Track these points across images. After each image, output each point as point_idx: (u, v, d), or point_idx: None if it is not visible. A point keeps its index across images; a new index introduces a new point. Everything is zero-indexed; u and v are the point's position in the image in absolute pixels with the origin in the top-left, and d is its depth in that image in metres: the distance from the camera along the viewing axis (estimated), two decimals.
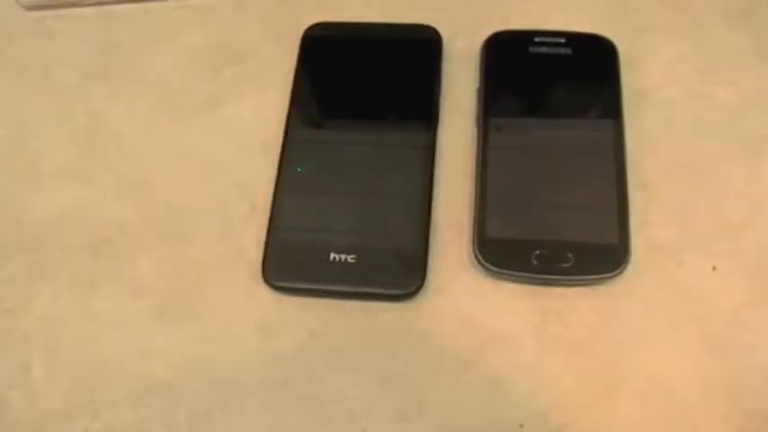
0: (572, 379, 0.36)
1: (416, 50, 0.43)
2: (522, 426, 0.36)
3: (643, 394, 0.36)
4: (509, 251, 0.38)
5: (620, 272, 0.37)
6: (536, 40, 0.43)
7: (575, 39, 0.43)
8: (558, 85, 0.42)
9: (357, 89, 0.43)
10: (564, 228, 0.38)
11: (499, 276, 0.38)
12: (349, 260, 0.38)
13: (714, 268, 0.38)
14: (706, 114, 0.42)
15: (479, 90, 0.42)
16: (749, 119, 0.41)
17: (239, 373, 0.37)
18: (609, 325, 0.37)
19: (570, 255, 0.37)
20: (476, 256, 0.38)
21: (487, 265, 0.38)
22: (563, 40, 0.43)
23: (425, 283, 0.38)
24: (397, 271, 0.38)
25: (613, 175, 0.39)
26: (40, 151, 0.43)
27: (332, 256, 0.38)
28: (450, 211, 0.40)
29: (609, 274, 0.37)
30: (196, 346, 0.38)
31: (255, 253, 0.39)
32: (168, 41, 0.45)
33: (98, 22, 0.47)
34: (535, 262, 0.37)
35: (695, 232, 0.39)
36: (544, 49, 0.43)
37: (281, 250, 0.38)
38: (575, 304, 0.38)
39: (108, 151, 0.43)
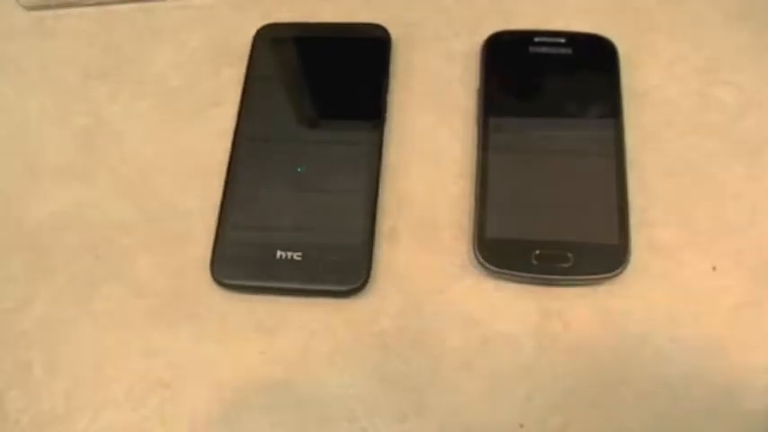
0: (572, 379, 0.36)
1: (366, 49, 0.44)
2: (522, 426, 0.36)
3: (643, 394, 0.36)
4: (509, 251, 0.38)
5: (620, 272, 0.37)
6: (536, 40, 0.43)
7: (575, 39, 0.43)
8: (559, 85, 0.42)
9: (307, 88, 0.43)
10: (564, 228, 0.38)
11: (499, 276, 0.38)
12: (295, 258, 0.38)
13: (714, 268, 0.38)
14: (706, 114, 0.42)
15: (479, 90, 0.42)
16: (749, 119, 0.41)
17: (239, 373, 0.37)
18: (609, 325, 0.37)
19: (570, 255, 0.37)
20: (476, 257, 0.38)
21: (487, 265, 0.38)
22: (563, 40, 0.43)
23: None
24: (342, 268, 0.38)
25: (613, 175, 0.39)
26: (40, 151, 0.43)
27: (278, 253, 0.38)
28: (449, 211, 0.40)
29: (609, 274, 0.37)
30: (196, 345, 0.38)
31: None
32: (168, 41, 0.45)
33: (98, 21, 0.47)
34: (535, 262, 0.37)
35: (695, 232, 0.39)
36: (544, 49, 0.43)
37: (228, 249, 0.39)
38: (575, 304, 0.38)
39: (108, 151, 0.43)
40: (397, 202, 0.40)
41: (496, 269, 0.38)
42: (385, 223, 0.40)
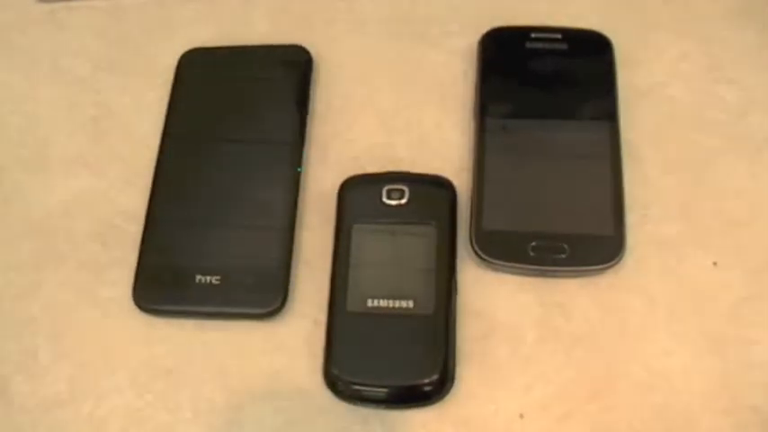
0: (572, 371, 0.36)
1: (288, 70, 0.43)
2: (522, 416, 0.36)
3: (643, 387, 0.36)
4: (506, 243, 0.38)
5: (616, 263, 0.37)
6: (532, 35, 0.43)
7: (570, 34, 0.43)
8: (555, 80, 0.42)
9: (229, 112, 0.43)
10: (560, 220, 0.38)
11: (497, 268, 0.38)
12: (213, 282, 0.38)
13: (715, 263, 0.38)
14: (708, 112, 0.42)
15: (477, 84, 0.42)
16: (751, 116, 0.42)
17: (242, 361, 0.38)
18: (610, 318, 0.38)
19: (566, 246, 0.38)
20: (473, 248, 0.38)
21: (485, 256, 0.38)
22: (559, 36, 0.43)
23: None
24: (259, 290, 0.38)
25: (609, 166, 0.39)
26: (50, 140, 0.44)
27: (197, 278, 0.38)
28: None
29: (605, 265, 0.37)
30: (200, 333, 0.38)
31: None
32: (177, 34, 0.46)
33: (108, 14, 0.47)
34: (532, 253, 0.38)
35: (696, 228, 0.39)
36: (540, 45, 0.43)
37: (149, 274, 0.39)
38: (576, 297, 0.38)
39: (116, 141, 0.44)
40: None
41: (494, 260, 0.38)
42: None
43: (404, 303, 0.36)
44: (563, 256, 0.38)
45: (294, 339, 0.38)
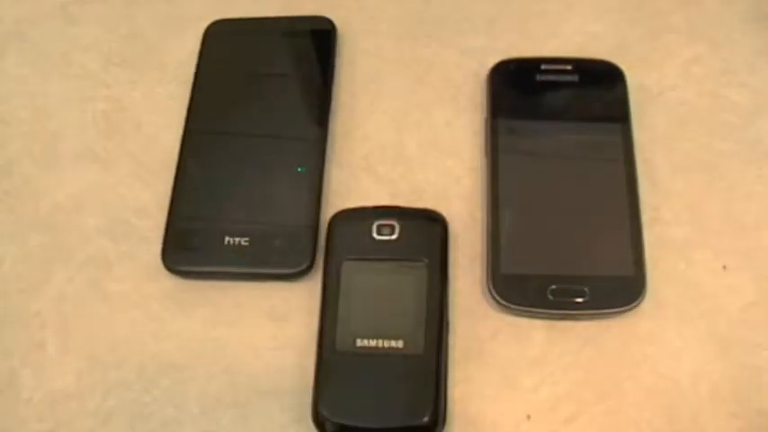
0: (580, 372, 0.36)
1: (311, 41, 0.45)
2: (529, 417, 0.36)
3: (650, 390, 0.36)
4: (525, 287, 0.37)
5: (637, 304, 0.37)
6: (543, 67, 0.42)
7: (581, 65, 0.42)
8: (567, 112, 0.41)
9: (254, 81, 0.44)
10: (579, 261, 0.38)
11: (514, 312, 0.38)
12: (242, 243, 0.39)
13: (724, 267, 0.38)
14: (720, 115, 0.42)
15: (487, 120, 0.41)
16: (762, 120, 0.42)
17: (250, 357, 0.38)
18: (618, 320, 0.37)
19: (586, 289, 0.37)
20: (491, 294, 0.37)
21: (502, 301, 0.37)
22: (569, 67, 0.42)
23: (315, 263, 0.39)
24: (287, 251, 0.39)
25: (626, 205, 0.38)
26: (60, 134, 0.44)
27: (226, 239, 0.39)
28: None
29: (625, 307, 0.37)
30: (209, 329, 0.38)
31: None
32: (189, 29, 0.46)
33: (120, 9, 0.47)
34: (551, 297, 0.37)
35: (706, 231, 0.39)
36: (551, 77, 0.42)
37: (179, 236, 0.40)
38: None
39: (126, 136, 0.44)
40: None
41: (512, 305, 0.37)
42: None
43: (393, 343, 0.36)
44: (583, 299, 0.37)
45: (301, 337, 0.38)
